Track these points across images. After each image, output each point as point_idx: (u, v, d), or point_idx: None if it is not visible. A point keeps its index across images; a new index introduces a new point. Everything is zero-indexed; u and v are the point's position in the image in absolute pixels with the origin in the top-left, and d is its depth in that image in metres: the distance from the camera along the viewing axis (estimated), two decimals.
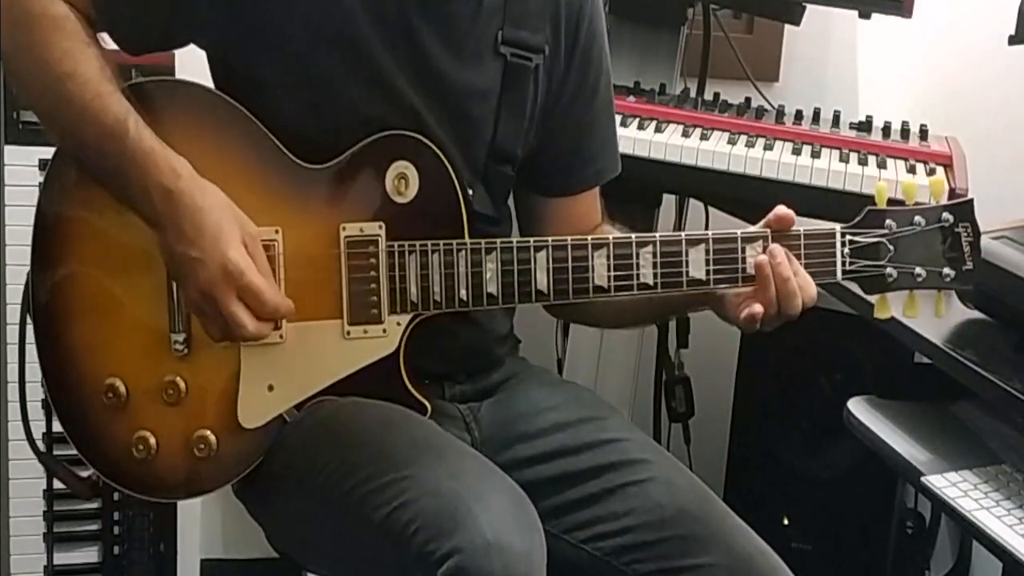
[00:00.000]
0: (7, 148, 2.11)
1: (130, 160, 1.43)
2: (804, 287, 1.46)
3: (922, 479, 1.69)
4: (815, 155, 2.02)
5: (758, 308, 1.46)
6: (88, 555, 2.23)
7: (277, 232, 1.49)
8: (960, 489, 1.64)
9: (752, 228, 1.51)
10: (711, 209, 2.29)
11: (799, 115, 2.17)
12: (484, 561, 1.26)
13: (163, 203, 1.43)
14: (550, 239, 1.50)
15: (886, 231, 1.48)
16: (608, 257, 1.49)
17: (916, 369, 2.16)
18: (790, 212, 1.49)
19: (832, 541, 2.35)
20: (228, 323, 1.43)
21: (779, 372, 2.39)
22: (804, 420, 2.37)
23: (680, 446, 2.49)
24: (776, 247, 1.47)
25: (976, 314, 1.81)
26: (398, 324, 1.51)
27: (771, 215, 1.49)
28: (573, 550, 1.52)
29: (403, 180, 1.50)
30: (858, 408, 1.90)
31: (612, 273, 1.49)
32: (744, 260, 1.48)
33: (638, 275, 1.49)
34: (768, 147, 2.03)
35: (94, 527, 2.23)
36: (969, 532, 1.73)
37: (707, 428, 2.55)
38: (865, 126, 2.15)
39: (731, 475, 2.47)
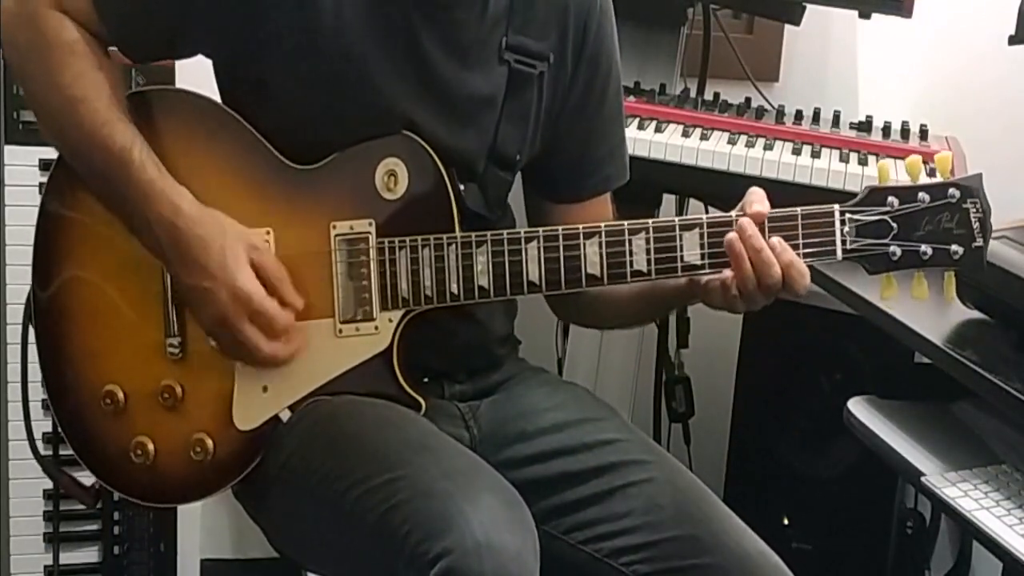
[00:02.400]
0: (7, 148, 2.12)
1: (133, 190, 1.46)
2: (786, 262, 1.43)
3: (922, 479, 1.68)
4: (815, 155, 2.02)
5: (728, 273, 1.44)
6: (88, 555, 2.23)
7: (268, 233, 1.50)
8: (960, 489, 1.64)
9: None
10: (711, 209, 2.29)
11: (799, 115, 2.17)
12: (475, 562, 1.26)
13: (166, 236, 1.45)
14: (541, 230, 1.50)
15: (888, 208, 1.45)
16: (600, 245, 1.48)
17: (916, 369, 2.15)
18: (760, 209, 1.46)
19: (832, 541, 2.35)
20: (243, 347, 1.46)
21: (779, 372, 2.38)
22: (804, 420, 2.36)
23: (680, 446, 2.49)
24: (744, 220, 1.45)
25: (976, 314, 1.81)
26: (390, 321, 1.51)
27: (746, 210, 1.47)
28: (572, 551, 1.51)
29: (392, 177, 1.51)
30: (858, 408, 1.89)
31: (605, 261, 1.48)
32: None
33: (631, 262, 1.48)
34: (768, 147, 2.03)
35: (94, 527, 2.23)
36: (969, 532, 1.73)
37: (707, 428, 2.55)
38: (865, 126, 2.15)
39: (731, 475, 2.47)
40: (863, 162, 2.01)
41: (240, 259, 1.45)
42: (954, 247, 1.45)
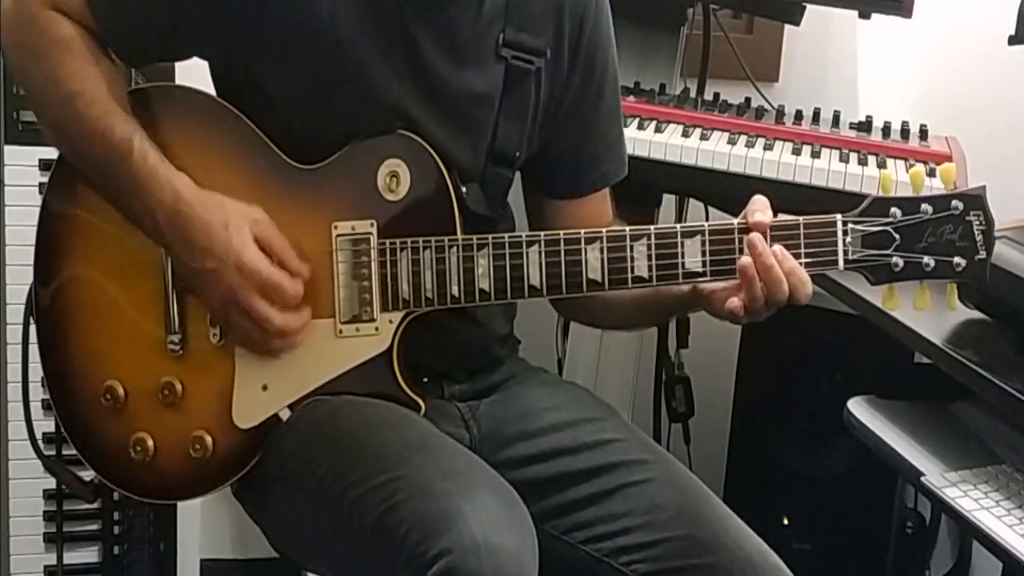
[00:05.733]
0: (7, 148, 2.11)
1: (133, 179, 1.46)
2: (788, 270, 1.43)
3: (922, 479, 1.69)
4: (815, 155, 2.02)
5: (736, 303, 1.45)
6: (88, 555, 2.23)
7: None
8: (960, 489, 1.64)
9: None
10: (711, 209, 2.29)
11: (799, 115, 2.17)
12: (474, 562, 1.26)
13: (167, 223, 1.46)
14: (542, 234, 1.50)
15: (891, 219, 1.45)
16: (602, 251, 1.48)
17: (916, 369, 2.15)
18: (762, 219, 1.45)
19: (832, 541, 2.35)
20: (255, 322, 1.46)
21: (779, 372, 2.39)
22: (804, 420, 2.37)
23: (680, 446, 2.49)
24: (754, 236, 1.44)
25: (976, 314, 1.81)
26: (390, 322, 1.51)
27: (748, 219, 1.46)
28: (572, 551, 1.52)
29: (395, 178, 1.51)
30: (858, 408, 1.89)
31: (606, 267, 1.48)
32: (741, 251, 1.45)
33: (633, 268, 1.48)
34: (768, 147, 2.03)
35: (94, 527, 2.23)
36: (969, 532, 1.73)
37: (707, 428, 2.55)
38: (865, 126, 2.15)
39: (731, 475, 2.47)
40: (863, 162, 2.01)
41: (244, 235, 1.45)
42: (957, 259, 1.45)
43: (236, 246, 1.44)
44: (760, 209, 1.46)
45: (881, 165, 2.01)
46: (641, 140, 2.02)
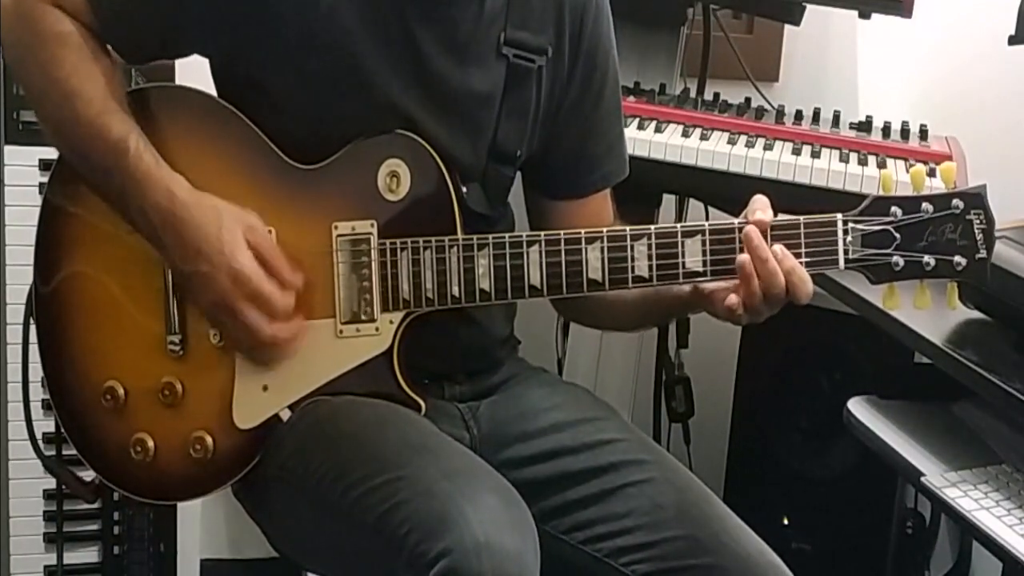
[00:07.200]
0: (7, 148, 2.11)
1: (129, 180, 1.46)
2: (788, 269, 1.43)
3: (922, 479, 1.69)
4: (815, 155, 2.02)
5: (734, 299, 1.45)
6: (88, 555, 2.23)
7: (271, 232, 1.50)
8: (960, 489, 1.64)
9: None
10: (711, 209, 2.29)
11: (799, 115, 2.17)
12: (475, 562, 1.26)
13: (162, 225, 1.45)
14: (543, 234, 1.50)
15: (891, 218, 1.45)
16: (602, 251, 1.49)
17: (916, 369, 2.15)
18: (763, 218, 1.46)
19: (832, 541, 2.35)
20: (245, 331, 1.45)
21: (779, 372, 2.39)
22: (804, 420, 2.37)
23: (680, 446, 2.49)
24: (750, 230, 1.44)
25: (976, 314, 1.81)
26: (391, 322, 1.51)
27: (749, 218, 1.46)
28: (572, 551, 1.52)
29: (395, 178, 1.51)
30: (858, 408, 1.90)
31: (607, 267, 1.48)
32: (742, 250, 1.45)
33: (633, 268, 1.48)
34: (768, 147, 2.03)
35: (94, 527, 2.23)
36: (969, 532, 1.74)
37: (707, 428, 2.55)
38: (865, 126, 2.15)
39: (731, 475, 2.47)
40: (863, 162, 2.01)
41: (238, 240, 1.45)
42: (957, 258, 1.45)
43: (229, 251, 1.44)
44: (760, 208, 1.46)
45: (881, 165, 2.01)
46: (641, 140, 2.02)
